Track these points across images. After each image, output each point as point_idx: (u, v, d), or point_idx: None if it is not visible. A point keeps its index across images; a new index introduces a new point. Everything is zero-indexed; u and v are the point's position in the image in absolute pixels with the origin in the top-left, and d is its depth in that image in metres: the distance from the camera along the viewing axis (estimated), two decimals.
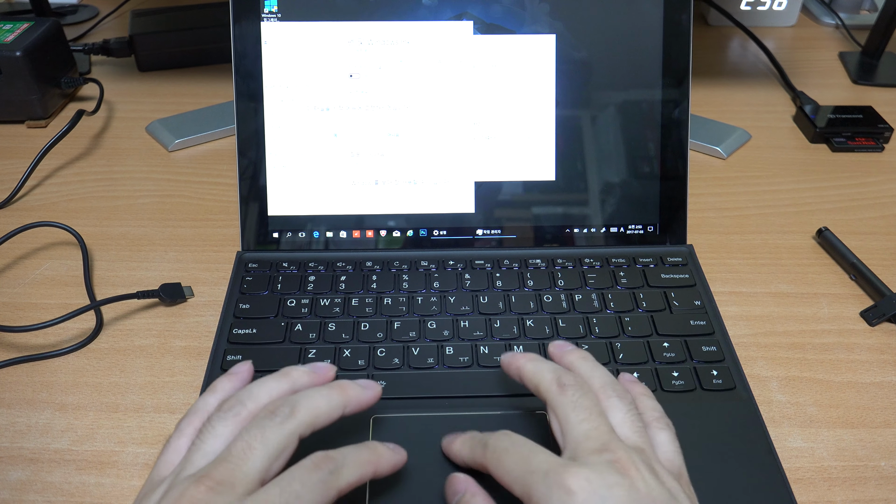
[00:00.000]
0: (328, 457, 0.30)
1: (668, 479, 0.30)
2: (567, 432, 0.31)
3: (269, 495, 0.28)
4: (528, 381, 0.35)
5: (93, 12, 0.93)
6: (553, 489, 0.28)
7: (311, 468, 0.29)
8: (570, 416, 0.31)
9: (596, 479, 0.28)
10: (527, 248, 0.51)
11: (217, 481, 0.28)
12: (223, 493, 0.28)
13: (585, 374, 0.34)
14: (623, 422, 0.32)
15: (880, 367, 0.45)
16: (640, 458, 0.30)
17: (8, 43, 0.65)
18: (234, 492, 0.28)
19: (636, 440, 0.31)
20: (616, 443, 0.30)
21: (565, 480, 0.28)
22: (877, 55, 0.82)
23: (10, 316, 0.48)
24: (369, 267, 0.49)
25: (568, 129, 0.50)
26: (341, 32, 0.49)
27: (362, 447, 0.32)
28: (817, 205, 0.60)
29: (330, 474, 0.30)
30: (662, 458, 0.32)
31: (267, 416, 0.30)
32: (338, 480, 0.30)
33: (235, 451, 0.29)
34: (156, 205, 0.59)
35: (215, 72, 0.80)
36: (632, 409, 0.33)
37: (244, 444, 0.29)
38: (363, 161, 0.50)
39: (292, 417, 0.30)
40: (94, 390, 0.43)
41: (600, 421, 0.31)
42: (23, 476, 0.38)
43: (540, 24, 0.50)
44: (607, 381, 0.34)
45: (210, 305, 0.49)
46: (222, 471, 0.28)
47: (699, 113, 0.71)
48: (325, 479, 0.29)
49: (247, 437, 0.30)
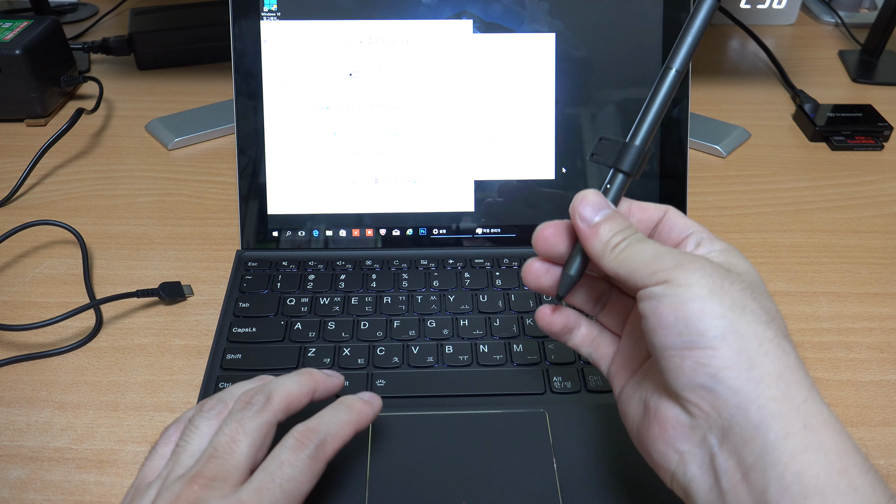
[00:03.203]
0: (310, 429, 0.31)
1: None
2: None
3: (262, 482, 0.29)
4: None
5: (92, 10, 0.93)
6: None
7: (297, 447, 0.30)
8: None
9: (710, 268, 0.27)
10: (526, 246, 0.51)
11: (209, 478, 0.28)
12: (217, 487, 0.28)
13: None
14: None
15: (879, 365, 0.45)
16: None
17: (7, 41, 0.65)
18: (228, 484, 0.28)
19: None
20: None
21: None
22: (876, 54, 0.82)
23: (10, 314, 0.48)
24: (369, 266, 0.49)
25: (568, 128, 0.50)
26: (341, 31, 0.49)
27: (339, 408, 0.33)
28: (816, 203, 0.60)
29: (316, 448, 0.30)
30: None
31: (244, 406, 0.31)
32: (325, 450, 0.31)
33: (221, 446, 0.29)
34: (155, 203, 0.59)
35: (215, 70, 0.80)
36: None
37: (227, 438, 0.30)
38: (363, 160, 0.50)
39: (269, 404, 0.31)
40: (94, 389, 0.43)
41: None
42: (22, 474, 0.38)
43: (539, 23, 0.50)
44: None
45: (210, 304, 0.49)
46: (212, 467, 0.29)
47: (699, 111, 0.71)
48: (312, 455, 0.30)
49: (228, 430, 0.30)
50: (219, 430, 0.30)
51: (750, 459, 0.24)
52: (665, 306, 0.26)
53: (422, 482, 0.36)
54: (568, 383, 0.41)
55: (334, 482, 0.35)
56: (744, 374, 0.25)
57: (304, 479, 0.29)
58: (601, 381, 0.41)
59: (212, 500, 0.28)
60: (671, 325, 0.26)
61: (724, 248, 0.29)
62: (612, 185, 0.30)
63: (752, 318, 0.26)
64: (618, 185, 0.30)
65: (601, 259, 0.28)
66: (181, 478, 0.29)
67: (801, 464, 0.24)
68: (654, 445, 0.28)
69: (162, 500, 0.28)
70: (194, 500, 0.27)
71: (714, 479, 0.26)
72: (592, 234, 0.29)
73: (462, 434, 0.38)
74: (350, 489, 0.35)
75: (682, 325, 0.26)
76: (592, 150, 0.30)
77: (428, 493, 0.35)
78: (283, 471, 0.29)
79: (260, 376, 0.35)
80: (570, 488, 0.35)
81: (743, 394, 0.25)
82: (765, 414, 0.24)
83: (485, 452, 0.37)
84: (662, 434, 0.27)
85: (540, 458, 0.37)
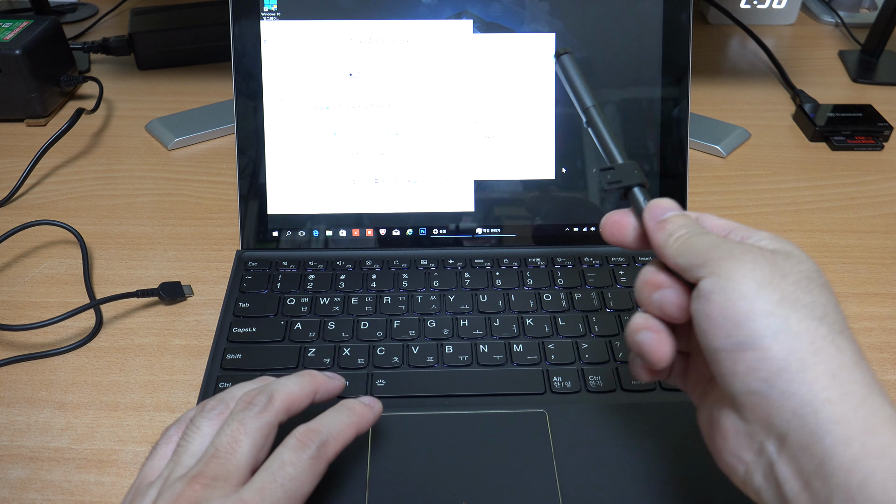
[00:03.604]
0: (311, 430, 0.31)
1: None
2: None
3: (264, 482, 0.29)
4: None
5: (92, 10, 0.93)
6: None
7: (299, 447, 0.30)
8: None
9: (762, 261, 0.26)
10: (526, 246, 0.51)
11: (211, 477, 0.28)
12: (218, 487, 0.28)
13: None
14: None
15: (879, 365, 0.45)
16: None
17: (7, 41, 0.65)
18: (229, 484, 0.28)
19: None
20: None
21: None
22: (876, 54, 0.82)
23: (10, 314, 0.48)
24: (369, 266, 0.49)
25: (568, 128, 0.50)
26: (341, 31, 0.49)
27: (341, 411, 0.33)
28: (816, 203, 0.60)
29: (318, 448, 0.30)
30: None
31: (245, 407, 0.31)
32: (326, 451, 0.31)
33: (222, 446, 0.29)
34: (155, 203, 0.59)
35: (215, 70, 0.80)
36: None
37: (229, 438, 0.30)
38: (363, 160, 0.50)
39: (270, 405, 0.31)
40: (94, 389, 0.43)
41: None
42: (22, 474, 0.38)
43: (539, 23, 0.50)
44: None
45: (210, 304, 0.49)
46: (214, 466, 0.29)
47: (699, 111, 0.71)
48: (314, 455, 0.30)
49: (229, 430, 0.30)
50: (220, 430, 0.30)
51: (810, 467, 0.23)
52: (714, 306, 0.25)
53: (422, 482, 0.36)
54: (568, 383, 0.41)
55: (334, 482, 0.35)
56: (797, 377, 0.24)
57: (306, 479, 0.30)
58: (601, 381, 0.41)
59: (213, 499, 0.28)
60: (720, 326, 0.25)
61: (772, 236, 0.28)
62: (642, 197, 0.32)
63: (804, 314, 0.25)
64: (645, 196, 0.32)
65: (664, 249, 0.29)
66: (182, 477, 0.29)
67: (863, 471, 0.22)
68: (721, 457, 0.28)
69: (163, 499, 0.28)
70: (196, 499, 0.27)
71: (777, 488, 0.25)
72: (659, 228, 0.29)
73: (462, 434, 0.38)
74: (350, 489, 0.35)
75: (731, 326, 0.25)
76: (609, 182, 0.33)
77: (428, 493, 0.35)
78: (285, 471, 0.29)
79: (261, 377, 0.35)
80: (570, 488, 0.35)
81: (798, 398, 0.24)
82: (821, 418, 0.23)
83: (485, 452, 0.37)
84: (726, 445, 0.27)
85: (540, 458, 0.37)
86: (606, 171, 0.33)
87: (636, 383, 0.41)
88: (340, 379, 0.35)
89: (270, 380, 0.34)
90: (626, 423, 0.39)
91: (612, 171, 0.33)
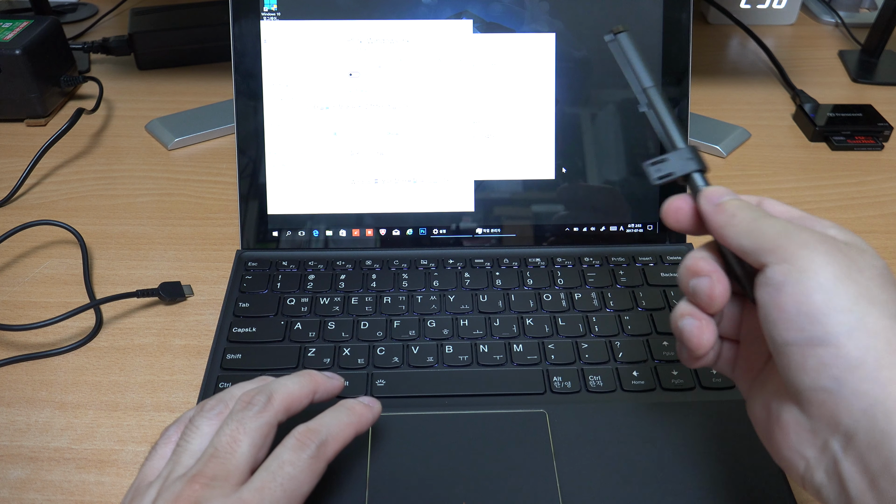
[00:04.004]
0: (311, 430, 0.31)
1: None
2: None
3: (263, 481, 0.29)
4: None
5: (92, 10, 0.93)
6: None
7: (298, 447, 0.30)
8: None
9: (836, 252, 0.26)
10: (526, 246, 0.51)
11: (210, 477, 0.28)
12: (218, 486, 0.28)
13: None
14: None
15: None
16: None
17: (7, 41, 0.65)
18: (229, 484, 0.28)
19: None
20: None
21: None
22: (876, 54, 0.82)
23: (10, 314, 0.48)
24: (369, 266, 0.49)
25: (567, 128, 0.50)
26: (341, 31, 0.49)
27: (340, 410, 0.33)
28: (817, 203, 0.60)
29: (317, 448, 0.30)
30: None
31: (244, 407, 0.31)
32: (325, 451, 0.31)
33: (222, 446, 0.29)
34: (155, 203, 0.59)
35: (215, 70, 0.80)
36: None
37: (228, 438, 0.30)
38: (363, 160, 0.50)
39: (269, 405, 0.31)
40: (94, 389, 0.43)
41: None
42: (22, 474, 0.38)
43: (539, 23, 0.50)
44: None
45: (210, 304, 0.49)
46: (213, 466, 0.29)
47: (698, 111, 0.71)
48: (313, 455, 0.30)
49: (228, 430, 0.30)
50: (220, 430, 0.30)
51: (877, 467, 0.23)
52: (786, 297, 0.25)
53: (422, 482, 0.36)
54: (568, 383, 0.41)
55: (334, 482, 0.35)
56: (870, 375, 0.23)
57: (306, 478, 0.30)
58: (601, 381, 0.41)
59: (213, 499, 0.28)
60: (792, 319, 0.24)
61: (839, 228, 0.28)
62: (702, 181, 0.31)
63: (881, 312, 0.24)
64: (704, 181, 0.31)
65: (725, 229, 0.28)
66: (182, 477, 0.29)
67: None
68: (779, 452, 0.27)
69: (163, 499, 0.28)
70: (195, 499, 0.28)
71: (840, 486, 0.24)
72: (718, 210, 0.29)
73: (462, 434, 0.38)
74: (350, 489, 0.35)
75: (805, 320, 0.24)
76: (660, 176, 0.31)
77: (428, 493, 0.35)
78: (285, 470, 0.29)
79: (260, 377, 0.35)
80: (570, 488, 0.35)
81: (869, 397, 0.23)
82: (893, 418, 0.23)
83: (485, 452, 0.37)
84: (786, 440, 0.26)
85: (540, 458, 0.37)
86: (657, 164, 0.32)
87: (636, 383, 0.41)
88: (339, 379, 0.35)
89: (270, 380, 0.34)
90: (626, 423, 0.39)
91: (663, 164, 0.31)
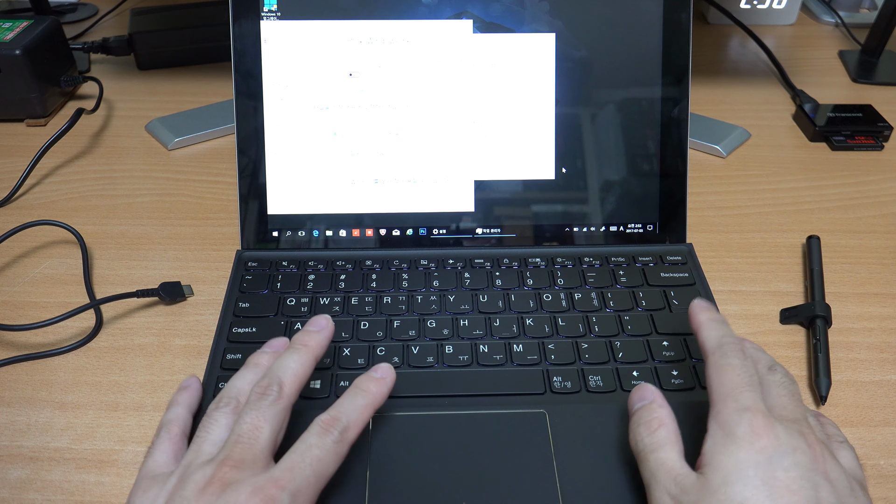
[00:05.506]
0: (333, 418, 0.32)
1: (849, 478, 0.31)
2: (764, 398, 0.33)
3: (293, 462, 0.30)
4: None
5: (92, 10, 0.93)
6: (743, 424, 0.30)
7: (323, 433, 0.32)
8: (773, 387, 0.33)
9: (784, 437, 0.30)
10: (526, 246, 0.51)
11: (238, 461, 0.30)
12: (247, 468, 0.30)
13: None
14: (811, 420, 0.33)
15: (879, 365, 0.45)
16: (825, 446, 0.31)
17: (7, 41, 0.65)
18: (257, 466, 0.30)
19: (822, 437, 0.33)
20: (809, 424, 0.32)
21: (758, 424, 0.30)
22: (876, 54, 0.82)
23: (10, 314, 0.48)
24: (369, 266, 0.49)
25: (567, 128, 0.50)
26: (341, 31, 0.49)
27: (356, 394, 0.34)
28: (817, 203, 0.60)
29: (340, 434, 0.32)
30: (846, 465, 0.33)
31: (260, 397, 0.32)
32: (348, 435, 0.32)
33: (244, 433, 0.31)
34: (155, 203, 0.59)
35: (215, 70, 0.80)
36: (820, 419, 0.36)
37: (250, 426, 0.31)
38: (363, 160, 0.50)
39: (283, 392, 0.33)
40: (94, 389, 0.43)
41: (800, 404, 0.33)
42: (22, 475, 0.38)
43: (539, 23, 0.50)
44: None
45: (210, 304, 0.49)
46: (239, 451, 0.30)
47: (699, 111, 0.71)
48: (337, 440, 0.32)
49: (248, 419, 0.31)
50: (239, 420, 0.32)
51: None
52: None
53: (422, 482, 0.36)
54: (568, 383, 0.41)
55: (334, 482, 0.35)
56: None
57: (331, 460, 0.31)
58: (601, 381, 0.41)
59: (244, 480, 0.29)
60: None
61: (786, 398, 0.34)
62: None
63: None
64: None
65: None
66: (209, 462, 0.30)
67: None
68: None
69: (192, 482, 0.29)
70: (227, 480, 0.29)
71: None
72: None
73: (462, 434, 0.38)
74: (350, 489, 0.35)
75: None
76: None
77: (428, 493, 0.35)
78: (312, 452, 0.31)
79: (257, 354, 0.37)
80: (570, 488, 0.35)
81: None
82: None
83: (485, 452, 0.37)
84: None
85: (540, 458, 0.37)
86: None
87: (636, 383, 0.41)
88: (320, 323, 0.37)
89: (266, 363, 0.36)
90: (626, 423, 0.39)
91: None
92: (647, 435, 0.33)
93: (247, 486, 0.29)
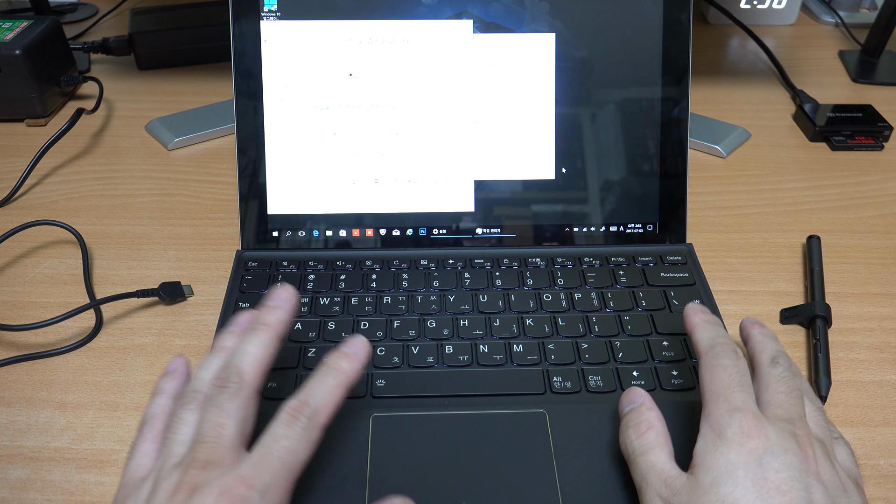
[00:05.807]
0: (301, 403, 0.31)
1: (843, 476, 0.31)
2: (762, 393, 0.33)
3: (261, 456, 0.29)
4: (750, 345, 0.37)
5: (92, 10, 0.93)
6: (733, 424, 0.30)
7: (290, 421, 0.30)
8: (772, 383, 0.33)
9: (775, 438, 0.30)
10: (526, 246, 0.51)
11: (204, 462, 0.29)
12: (214, 469, 0.29)
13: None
14: (811, 414, 0.33)
15: (879, 365, 0.45)
16: (820, 446, 0.31)
17: (7, 41, 0.65)
18: (224, 465, 0.29)
19: (819, 434, 0.33)
20: (804, 423, 0.32)
21: (748, 425, 0.30)
22: (876, 54, 0.82)
23: (10, 314, 0.48)
24: (369, 266, 0.49)
25: (567, 128, 0.50)
26: (341, 31, 0.49)
27: (326, 374, 0.33)
28: (817, 203, 0.60)
29: (309, 419, 0.30)
30: (841, 462, 0.33)
31: (220, 391, 0.31)
32: (318, 420, 0.31)
33: (207, 432, 0.30)
34: (155, 203, 0.59)
35: (215, 70, 0.80)
36: (822, 413, 0.35)
37: (212, 423, 0.30)
38: (363, 160, 0.50)
39: (243, 382, 0.31)
40: (94, 389, 0.43)
41: (797, 401, 0.33)
42: (22, 475, 0.38)
43: (539, 23, 0.50)
44: (806, 387, 0.36)
45: (210, 304, 0.49)
46: (204, 452, 0.29)
47: (699, 111, 0.71)
48: (307, 426, 0.30)
49: (210, 416, 0.30)
50: (202, 418, 0.30)
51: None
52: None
53: (422, 482, 0.36)
54: (568, 383, 0.41)
55: (334, 482, 0.35)
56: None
57: (302, 449, 0.30)
58: (601, 381, 0.41)
59: (212, 481, 0.28)
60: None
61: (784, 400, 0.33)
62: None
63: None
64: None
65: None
66: (177, 466, 0.29)
67: None
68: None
69: (162, 489, 0.28)
70: (194, 484, 0.28)
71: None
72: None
73: (462, 434, 0.38)
74: (350, 489, 0.35)
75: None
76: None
77: (428, 493, 0.35)
78: (281, 444, 0.30)
79: (227, 332, 0.35)
80: (570, 488, 0.35)
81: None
82: None
83: (485, 452, 0.37)
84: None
85: (540, 458, 0.37)
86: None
87: (636, 383, 0.41)
88: (284, 297, 0.35)
89: (232, 345, 0.34)
90: None
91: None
92: (637, 438, 0.33)
93: (214, 487, 0.28)
